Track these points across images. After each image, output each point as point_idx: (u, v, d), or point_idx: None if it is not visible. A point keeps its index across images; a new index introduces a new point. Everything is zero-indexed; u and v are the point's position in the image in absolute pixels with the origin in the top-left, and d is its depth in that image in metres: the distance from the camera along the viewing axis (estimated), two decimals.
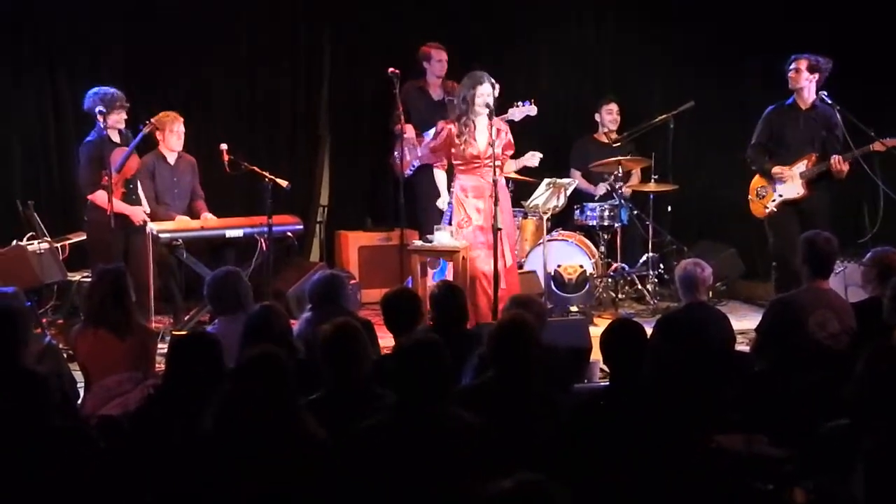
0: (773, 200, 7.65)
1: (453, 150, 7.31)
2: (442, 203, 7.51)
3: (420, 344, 3.86)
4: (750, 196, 7.81)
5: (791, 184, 7.58)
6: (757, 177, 7.78)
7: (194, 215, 8.03)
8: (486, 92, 7.15)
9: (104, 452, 3.87)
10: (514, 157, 7.55)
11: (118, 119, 7.41)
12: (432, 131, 7.93)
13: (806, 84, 7.53)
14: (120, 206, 7.30)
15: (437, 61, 8.76)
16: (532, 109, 7.61)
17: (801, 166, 7.57)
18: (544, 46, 9.89)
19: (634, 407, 4.03)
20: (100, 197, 7.18)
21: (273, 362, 3.75)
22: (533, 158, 7.53)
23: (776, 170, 7.61)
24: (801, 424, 4.28)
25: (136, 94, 8.29)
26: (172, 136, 7.89)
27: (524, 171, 7.91)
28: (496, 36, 9.70)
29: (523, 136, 7.61)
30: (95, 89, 7.41)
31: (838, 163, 7.35)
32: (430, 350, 3.81)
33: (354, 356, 4.14)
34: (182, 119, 7.94)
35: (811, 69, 7.49)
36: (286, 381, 3.72)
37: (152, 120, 7.58)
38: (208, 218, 7.97)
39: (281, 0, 9.32)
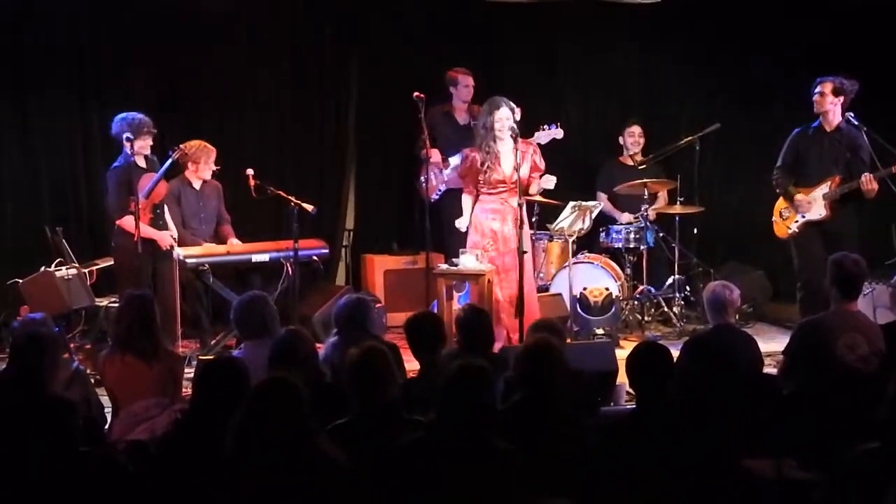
0: (796, 221, 7.64)
1: (480, 178, 7.33)
2: (461, 224, 7.52)
3: (471, 368, 3.86)
4: (774, 217, 7.81)
5: (814, 206, 7.55)
6: (781, 198, 7.76)
7: (221, 240, 8.06)
8: (505, 116, 7.17)
9: (132, 477, 3.88)
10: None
11: (144, 145, 7.44)
12: (457, 157, 7.95)
13: (831, 107, 7.51)
14: (147, 231, 7.34)
15: (465, 86, 8.79)
16: (558, 133, 7.61)
17: (824, 188, 7.55)
18: (571, 70, 9.91)
19: (661, 430, 4.01)
20: (128, 222, 7.22)
21: (284, 387, 3.75)
22: (548, 182, 7.52)
23: (798, 198, 7.61)
24: (831, 448, 4.24)
25: (164, 120, 8.36)
26: (207, 167, 7.94)
27: (544, 193, 7.91)
28: (522, 60, 9.73)
29: (549, 159, 7.60)
30: (123, 115, 7.45)
31: (869, 181, 7.31)
32: (480, 374, 3.83)
33: (381, 380, 4.14)
34: (215, 150, 7.98)
35: (836, 92, 7.47)
36: (300, 405, 3.71)
37: (182, 146, 7.62)
38: (235, 243, 8.01)
39: (309, 26, 9.36)
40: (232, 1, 8.73)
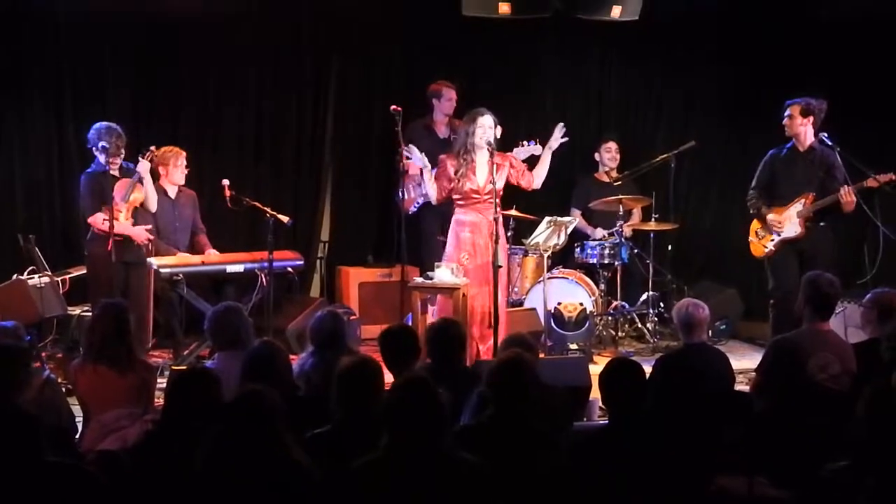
0: (772, 241, 7.67)
1: (451, 185, 7.32)
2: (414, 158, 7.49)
3: (410, 381, 3.84)
4: (750, 237, 7.83)
5: (788, 224, 7.60)
6: (755, 219, 7.80)
7: (196, 250, 8.04)
8: (488, 124, 7.18)
9: (103, 488, 3.85)
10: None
11: (117, 153, 7.43)
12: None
13: (801, 129, 7.57)
14: (122, 228, 7.32)
15: (447, 100, 8.83)
16: (537, 149, 7.63)
17: (798, 205, 7.58)
18: (549, 87, 9.94)
19: (634, 446, 4.02)
20: (98, 220, 7.21)
21: (261, 400, 3.73)
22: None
23: (770, 217, 7.64)
24: (803, 466, 4.26)
25: (141, 130, 8.34)
26: (176, 170, 7.93)
27: (520, 208, 7.93)
28: (501, 76, 9.75)
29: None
30: (98, 124, 7.44)
31: (847, 193, 7.34)
32: (419, 387, 3.79)
33: (366, 392, 4.13)
34: (185, 153, 7.97)
35: (804, 113, 7.53)
36: (275, 418, 3.69)
37: (152, 148, 7.60)
38: (212, 254, 7.98)
39: (287, 36, 9.35)
40: (210, 11, 8.69)
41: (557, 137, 7.47)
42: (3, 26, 8.44)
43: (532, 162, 7.56)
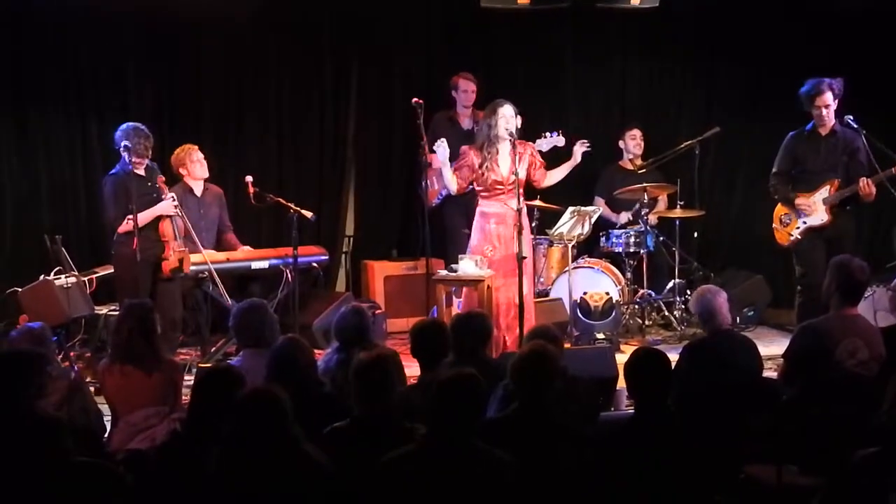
0: (798, 228, 7.58)
1: (475, 177, 7.30)
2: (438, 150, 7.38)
3: (462, 378, 3.85)
4: (774, 224, 7.74)
5: (815, 211, 7.52)
6: (780, 205, 7.72)
7: (225, 248, 8.05)
8: (508, 114, 7.15)
9: (130, 488, 3.86)
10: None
11: (145, 154, 7.43)
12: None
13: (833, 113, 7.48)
14: (148, 213, 7.28)
15: (464, 91, 8.82)
16: (560, 140, 7.59)
17: (824, 192, 7.49)
18: (571, 77, 9.88)
19: (661, 437, 4.00)
20: (126, 225, 7.23)
21: (266, 399, 3.74)
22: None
23: (799, 201, 7.53)
24: (832, 453, 4.23)
25: (164, 129, 8.34)
26: (194, 165, 7.93)
27: (544, 198, 7.87)
28: (524, 67, 9.72)
29: (551, 167, 7.57)
30: (125, 125, 7.44)
31: (867, 185, 7.27)
32: (470, 385, 3.81)
33: (385, 386, 4.13)
34: (196, 147, 7.98)
35: (835, 97, 7.43)
36: (283, 415, 3.70)
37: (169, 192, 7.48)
38: (245, 249, 8.00)
39: (309, 31, 9.35)
40: (231, 10, 8.70)
41: (579, 153, 7.44)
42: (24, 29, 8.48)
43: (551, 160, 7.51)
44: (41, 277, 7.58)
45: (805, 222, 7.55)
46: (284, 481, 3.61)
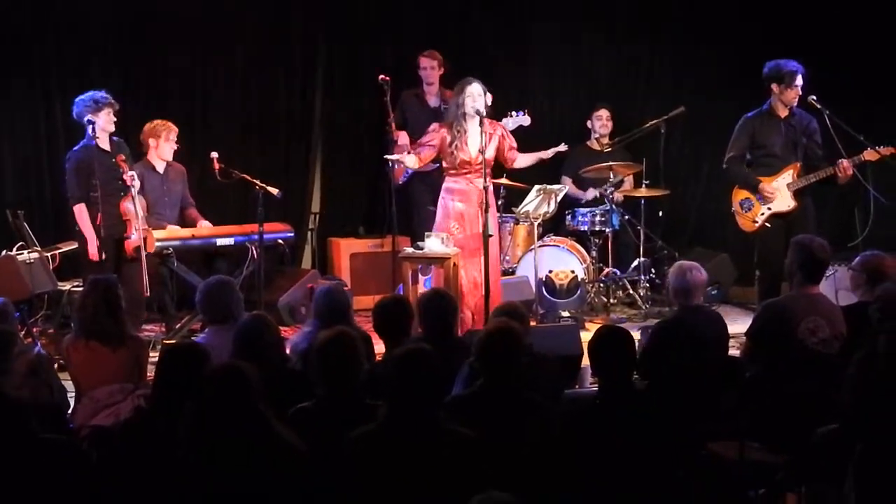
0: (762, 214, 7.53)
1: (444, 155, 7.30)
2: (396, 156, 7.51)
3: (412, 353, 3.86)
4: (734, 209, 7.67)
5: (780, 196, 7.51)
6: (737, 188, 7.67)
7: (187, 224, 8.01)
8: (477, 92, 7.14)
9: (94, 464, 3.85)
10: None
11: (108, 121, 7.35)
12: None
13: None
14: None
15: (422, 68, 8.82)
16: (525, 119, 7.60)
17: (787, 177, 7.47)
18: (538, 56, 9.89)
19: (624, 414, 4.03)
20: (80, 211, 7.17)
21: (232, 374, 3.73)
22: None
23: (762, 187, 7.47)
24: (794, 430, 4.27)
25: (129, 105, 8.26)
26: (167, 144, 7.87)
27: (510, 177, 7.92)
28: (491, 46, 9.71)
29: (517, 145, 7.58)
30: (82, 96, 7.36)
31: (847, 168, 7.27)
32: (422, 359, 3.81)
33: (346, 365, 4.13)
34: (176, 129, 7.92)
35: (802, 77, 7.46)
36: (249, 391, 3.70)
37: (133, 174, 7.39)
38: (203, 227, 7.95)
39: (276, 8, 9.30)
40: None
41: (552, 152, 7.49)
42: None
43: (521, 143, 7.53)
44: (3, 252, 7.51)
45: (770, 208, 7.50)
46: (252, 458, 3.60)
